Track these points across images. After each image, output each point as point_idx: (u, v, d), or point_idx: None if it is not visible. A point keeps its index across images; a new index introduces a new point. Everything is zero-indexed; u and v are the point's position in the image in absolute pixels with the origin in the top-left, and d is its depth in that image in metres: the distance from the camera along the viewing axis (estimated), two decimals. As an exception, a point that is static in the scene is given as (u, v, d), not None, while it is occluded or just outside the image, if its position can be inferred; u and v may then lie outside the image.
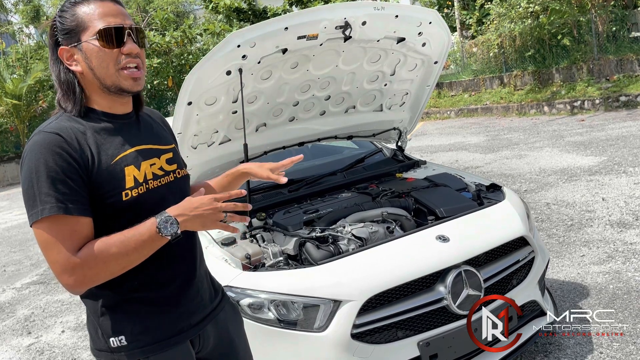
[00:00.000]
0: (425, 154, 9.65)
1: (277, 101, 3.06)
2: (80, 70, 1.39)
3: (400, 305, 2.28)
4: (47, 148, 1.28)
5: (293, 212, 2.94)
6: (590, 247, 4.23)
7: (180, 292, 1.50)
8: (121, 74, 1.38)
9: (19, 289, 5.72)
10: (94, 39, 1.36)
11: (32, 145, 1.30)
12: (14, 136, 18.96)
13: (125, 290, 1.40)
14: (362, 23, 2.70)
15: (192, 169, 3.02)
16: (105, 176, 1.35)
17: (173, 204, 1.40)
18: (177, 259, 1.50)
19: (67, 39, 1.39)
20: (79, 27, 1.37)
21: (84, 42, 1.36)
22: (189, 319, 1.52)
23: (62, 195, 1.26)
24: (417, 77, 3.42)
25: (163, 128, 1.66)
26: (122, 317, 1.43)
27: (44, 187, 1.26)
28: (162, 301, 1.47)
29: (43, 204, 1.25)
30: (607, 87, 11.81)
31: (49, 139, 1.29)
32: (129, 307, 1.43)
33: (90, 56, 1.37)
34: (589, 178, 6.25)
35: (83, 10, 1.37)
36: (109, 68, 1.37)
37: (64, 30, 1.39)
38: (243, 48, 2.48)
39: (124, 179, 1.37)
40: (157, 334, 1.45)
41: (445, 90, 16.78)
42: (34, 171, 1.27)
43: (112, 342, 1.42)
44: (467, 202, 2.93)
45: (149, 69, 17.20)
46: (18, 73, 19.45)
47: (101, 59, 1.36)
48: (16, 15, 25.53)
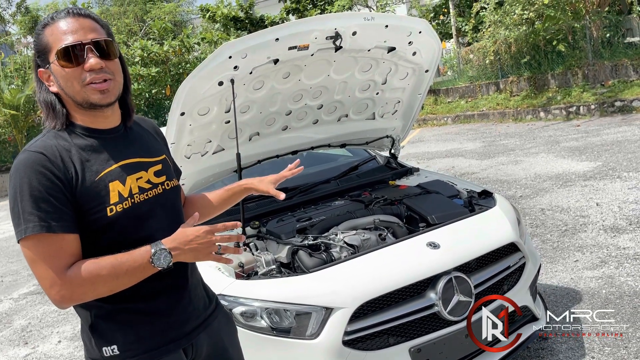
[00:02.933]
0: (422, 161, 9.70)
1: (269, 110, 3.09)
2: (56, 90, 1.40)
3: (391, 311, 2.31)
4: (31, 167, 1.30)
5: (286, 220, 2.97)
6: (584, 252, 4.26)
7: (172, 301, 1.51)
8: (87, 89, 1.36)
9: (16, 299, 5.73)
10: (56, 60, 1.35)
11: (17, 164, 1.32)
12: (12, 146, 18.97)
13: (118, 300, 1.40)
14: (353, 33, 2.74)
15: (186, 178, 3.05)
16: (89, 192, 1.36)
17: (162, 217, 1.42)
18: None
19: (42, 61, 1.40)
20: (46, 49, 1.37)
21: (51, 64, 1.37)
22: (182, 328, 1.53)
23: (44, 214, 1.28)
24: (409, 85, 3.45)
25: (155, 138, 1.65)
26: (115, 326, 1.44)
27: (27, 207, 1.28)
28: (154, 310, 1.48)
29: (26, 222, 1.27)
30: (602, 93, 11.88)
31: (33, 158, 1.31)
32: (121, 317, 1.44)
33: (57, 77, 1.37)
34: (584, 183, 6.28)
35: (49, 31, 1.37)
36: (74, 86, 1.36)
37: (37, 53, 1.40)
38: (235, 59, 2.52)
39: (108, 195, 1.38)
40: (149, 343, 1.46)
41: (442, 96, 16.83)
42: (18, 190, 1.29)
43: (104, 352, 1.43)
44: (458, 208, 2.96)
45: (147, 77, 17.28)
46: (16, 83, 19.49)
47: (65, 78, 1.36)
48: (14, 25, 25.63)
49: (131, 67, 17.09)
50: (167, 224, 1.50)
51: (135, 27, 25.59)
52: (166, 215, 1.52)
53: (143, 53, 17.46)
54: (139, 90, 17.34)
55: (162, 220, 1.50)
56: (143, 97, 17.87)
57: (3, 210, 14.06)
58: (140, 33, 24.55)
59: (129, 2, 27.61)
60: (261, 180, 1.82)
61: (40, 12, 25.27)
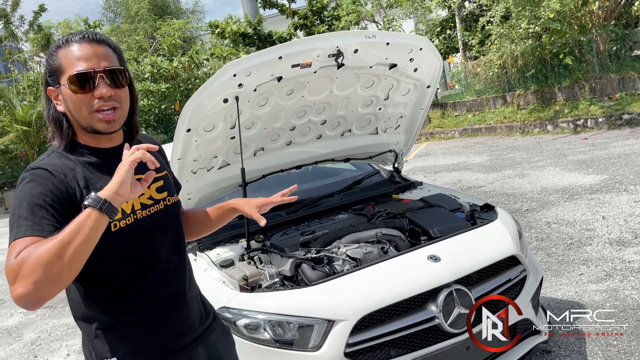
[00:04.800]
0: (429, 174, 9.72)
1: (274, 126, 3.16)
2: (63, 110, 1.44)
3: (392, 324, 2.34)
4: (33, 180, 1.34)
5: (290, 234, 3.02)
6: (589, 265, 4.26)
7: (171, 313, 1.55)
8: (94, 117, 1.40)
9: (26, 313, 5.79)
10: (67, 84, 1.39)
11: (21, 179, 1.36)
12: (24, 161, 19.21)
13: (117, 312, 1.44)
14: (354, 51, 2.81)
15: (192, 192, 3.11)
16: None
17: (163, 232, 1.47)
18: (166, 281, 1.54)
19: (52, 80, 1.44)
20: (59, 70, 1.41)
21: (62, 86, 1.41)
22: (180, 341, 1.56)
23: (39, 218, 1.27)
24: (411, 100, 3.51)
25: (156, 154, 1.69)
26: (114, 339, 1.47)
27: (23, 213, 1.28)
28: (153, 323, 1.51)
29: (20, 227, 1.26)
30: (609, 106, 11.87)
31: (37, 173, 1.36)
32: (120, 329, 1.48)
33: (67, 99, 1.41)
34: (590, 196, 6.28)
35: (63, 53, 1.41)
36: (82, 111, 1.40)
37: (49, 72, 1.44)
38: (239, 77, 2.59)
39: None
40: (148, 355, 1.50)
41: (449, 110, 16.88)
42: (18, 199, 1.32)
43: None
44: (460, 222, 3.00)
45: (156, 93, 17.49)
46: (28, 100, 19.79)
47: (74, 103, 1.40)
48: (27, 43, 26.08)
49: (141, 83, 17.32)
50: (169, 239, 1.57)
51: (146, 43, 25.94)
52: (168, 230, 1.57)
53: (153, 69, 17.69)
54: (148, 106, 17.53)
55: (164, 235, 1.55)
56: (152, 113, 18.07)
57: (14, 224, 14.18)
58: (150, 49, 24.89)
59: (139, 20, 28.02)
60: (248, 202, 1.83)
61: (53, 30, 25.68)
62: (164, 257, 1.54)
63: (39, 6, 25.16)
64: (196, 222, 1.88)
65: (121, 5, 31.11)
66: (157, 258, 1.51)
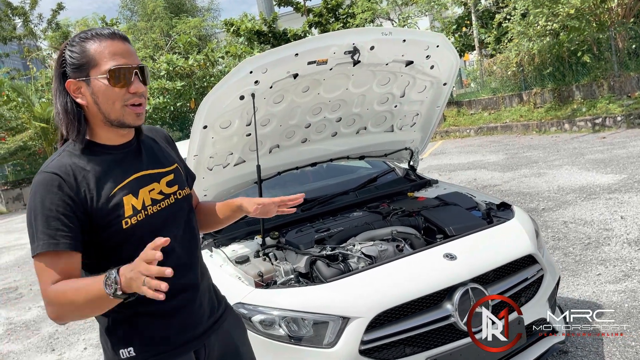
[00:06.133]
0: (444, 173, 9.67)
1: (289, 123, 3.16)
2: (84, 103, 1.46)
3: (408, 322, 2.33)
4: (45, 188, 1.39)
5: (305, 231, 3.02)
6: (607, 265, 4.21)
7: (185, 304, 1.59)
8: (126, 110, 1.45)
9: (44, 307, 5.86)
10: (104, 77, 1.42)
11: (33, 185, 1.41)
12: (42, 158, 19.49)
13: (133, 304, 1.42)
14: (371, 48, 2.80)
15: (208, 189, 3.13)
16: (105, 207, 1.43)
17: (175, 226, 1.54)
18: (180, 273, 1.55)
19: (75, 73, 1.44)
20: (89, 64, 1.42)
21: (92, 79, 1.42)
22: (193, 331, 1.60)
23: (54, 231, 1.36)
24: (427, 98, 3.49)
25: (167, 147, 1.73)
26: (131, 329, 1.52)
27: (40, 226, 1.36)
28: (168, 313, 1.55)
29: (38, 240, 1.36)
30: (628, 104, 11.69)
31: (47, 179, 1.40)
32: (137, 320, 1.52)
33: (97, 92, 1.43)
34: (608, 196, 6.20)
35: (93, 47, 1.43)
36: (115, 105, 1.44)
37: (73, 64, 1.44)
38: (255, 74, 2.59)
39: (123, 208, 1.45)
40: (163, 345, 1.54)
41: (465, 108, 16.77)
42: (33, 210, 1.38)
43: (121, 354, 1.51)
44: (476, 220, 2.98)
45: (172, 91, 17.61)
46: (46, 97, 20.06)
47: (108, 96, 1.43)
48: (45, 41, 26.41)
49: (157, 81, 17.45)
50: (180, 232, 1.60)
51: (161, 41, 26.13)
52: (179, 223, 1.60)
53: (169, 67, 17.81)
54: (164, 104, 17.66)
55: (176, 229, 1.58)
56: (168, 110, 18.19)
57: (32, 220, 14.39)
58: (166, 47, 25.05)
59: (155, 18, 28.24)
60: (250, 200, 1.84)
61: (71, 27, 25.99)
62: (177, 250, 1.57)
63: (57, 4, 25.49)
64: (207, 214, 1.90)
65: (138, 4, 31.37)
66: (170, 251, 1.52)
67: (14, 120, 18.66)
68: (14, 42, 26.89)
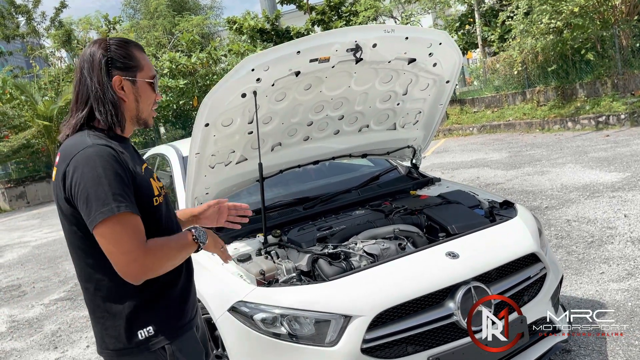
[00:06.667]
0: (447, 171, 9.65)
1: (291, 121, 3.15)
2: (124, 99, 1.64)
3: (410, 320, 2.32)
4: (109, 156, 1.49)
5: (307, 229, 3.01)
6: (610, 264, 4.19)
7: (188, 285, 1.78)
8: (151, 113, 1.74)
9: (46, 305, 5.89)
10: (150, 82, 1.67)
11: (91, 154, 1.47)
12: (45, 156, 19.53)
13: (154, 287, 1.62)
14: (373, 45, 2.78)
15: (210, 187, 3.12)
16: (143, 184, 1.59)
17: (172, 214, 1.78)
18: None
19: (123, 71, 1.62)
20: (137, 67, 1.65)
21: (139, 80, 1.65)
22: (194, 308, 1.80)
23: (128, 197, 1.49)
24: (430, 96, 3.48)
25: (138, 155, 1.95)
26: (152, 311, 1.63)
27: (116, 189, 1.46)
28: (179, 294, 1.71)
29: (118, 202, 1.45)
30: (632, 102, 11.65)
31: (105, 151, 1.50)
32: (157, 302, 1.65)
33: (142, 92, 1.66)
34: (612, 194, 6.17)
35: (136, 53, 1.66)
36: (147, 106, 1.71)
37: (121, 62, 1.62)
38: (257, 72, 2.58)
39: (152, 188, 1.64)
40: (177, 322, 1.68)
41: (468, 106, 16.73)
42: (100, 176, 1.45)
43: (139, 335, 1.60)
44: (478, 219, 2.97)
45: (175, 89, 17.63)
46: (50, 95, 20.10)
47: (147, 98, 1.69)
48: (48, 39, 26.44)
49: (160, 79, 17.45)
50: (176, 220, 1.84)
51: (164, 39, 26.15)
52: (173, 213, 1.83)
53: (171, 65, 17.84)
54: (167, 102, 17.68)
55: (174, 216, 1.81)
56: (171, 109, 18.22)
57: (36, 218, 14.45)
58: (168, 45, 25.07)
59: (158, 16, 28.26)
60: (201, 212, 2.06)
61: (74, 26, 26.00)
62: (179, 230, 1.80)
63: (60, 2, 25.50)
64: None
65: (140, 2, 31.40)
66: (178, 230, 1.78)
67: (17, 119, 18.68)
68: (17, 40, 26.91)
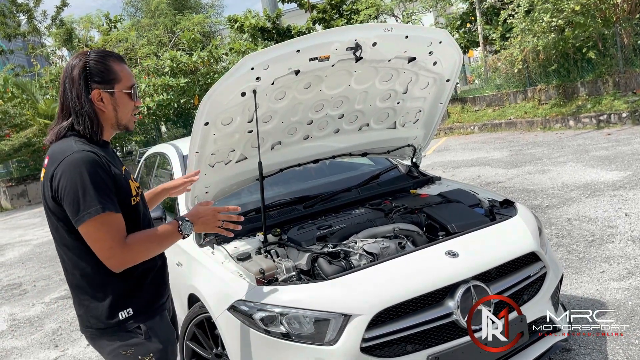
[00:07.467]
0: (448, 170, 9.64)
1: (291, 120, 3.15)
2: (103, 110, 1.80)
3: (409, 319, 2.32)
4: (91, 162, 1.67)
5: (307, 228, 3.01)
6: (611, 263, 4.19)
7: (164, 270, 2.01)
8: (131, 119, 1.91)
9: (47, 304, 5.90)
10: (127, 92, 1.82)
11: (74, 161, 1.65)
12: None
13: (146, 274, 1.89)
14: (373, 44, 2.78)
15: (210, 186, 3.12)
16: (122, 186, 1.77)
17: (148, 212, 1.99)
18: None
19: (101, 84, 1.77)
20: (115, 79, 1.79)
21: (117, 91, 1.80)
22: (167, 290, 2.04)
23: (110, 198, 1.68)
24: (430, 94, 3.47)
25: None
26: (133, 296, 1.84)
27: (100, 192, 1.65)
28: (162, 280, 1.97)
29: (101, 204, 1.64)
30: (633, 101, 11.63)
31: (88, 156, 1.68)
32: (140, 288, 1.86)
33: (120, 103, 1.82)
34: (613, 193, 6.17)
35: (115, 66, 1.80)
36: (127, 114, 1.87)
37: (99, 76, 1.77)
38: (257, 70, 2.58)
39: (130, 188, 1.83)
40: (152, 304, 1.90)
41: (469, 105, 16.72)
42: (85, 180, 1.64)
43: (120, 316, 1.81)
44: (478, 217, 2.96)
45: (175, 88, 17.61)
46: (50, 94, 20.11)
47: (126, 106, 1.85)
48: (49, 38, 26.44)
49: (160, 78, 17.46)
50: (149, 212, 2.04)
51: (165, 38, 26.12)
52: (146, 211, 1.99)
53: (172, 63, 17.82)
54: (167, 100, 17.68)
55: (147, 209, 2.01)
56: (172, 107, 18.21)
57: (37, 216, 14.46)
58: (169, 44, 25.05)
59: (159, 14, 28.22)
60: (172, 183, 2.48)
61: (75, 24, 26.00)
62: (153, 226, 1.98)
63: (61, 1, 25.50)
64: None
65: (142, 0, 31.36)
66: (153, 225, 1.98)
67: (18, 117, 18.69)
68: (18, 39, 26.93)
